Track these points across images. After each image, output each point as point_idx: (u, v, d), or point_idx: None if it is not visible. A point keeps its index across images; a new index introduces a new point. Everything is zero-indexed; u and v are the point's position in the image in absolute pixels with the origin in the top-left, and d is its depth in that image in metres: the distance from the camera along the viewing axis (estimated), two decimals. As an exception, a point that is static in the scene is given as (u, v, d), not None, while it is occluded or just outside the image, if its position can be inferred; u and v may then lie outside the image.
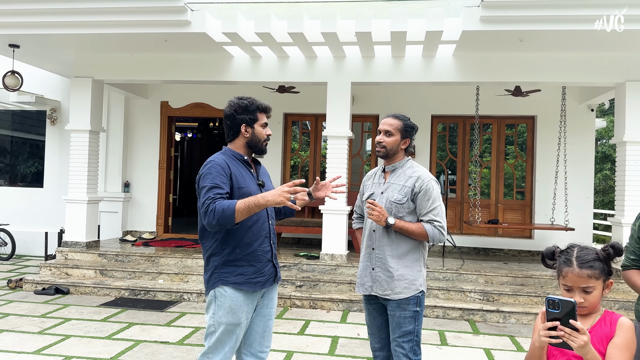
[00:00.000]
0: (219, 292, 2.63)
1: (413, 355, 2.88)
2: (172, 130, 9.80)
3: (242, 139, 2.76)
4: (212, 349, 2.64)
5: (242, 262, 2.65)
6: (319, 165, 9.29)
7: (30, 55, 7.64)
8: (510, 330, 5.67)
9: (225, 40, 6.63)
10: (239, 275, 2.63)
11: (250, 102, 2.74)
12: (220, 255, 2.65)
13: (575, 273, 1.83)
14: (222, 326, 2.61)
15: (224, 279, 2.63)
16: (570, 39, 6.14)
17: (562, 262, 1.89)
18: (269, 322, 2.81)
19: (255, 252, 2.68)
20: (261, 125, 2.77)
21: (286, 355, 4.59)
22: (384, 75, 7.15)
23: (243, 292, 2.64)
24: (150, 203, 9.54)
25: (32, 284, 6.86)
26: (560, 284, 1.90)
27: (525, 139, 9.00)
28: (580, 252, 1.87)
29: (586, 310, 1.85)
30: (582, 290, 1.83)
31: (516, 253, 8.59)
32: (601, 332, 1.83)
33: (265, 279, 2.71)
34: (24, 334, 4.99)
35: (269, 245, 2.76)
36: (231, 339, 2.63)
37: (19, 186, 9.91)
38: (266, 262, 2.73)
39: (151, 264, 7.33)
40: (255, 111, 2.75)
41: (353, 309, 6.24)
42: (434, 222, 2.89)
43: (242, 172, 2.70)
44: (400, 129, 2.99)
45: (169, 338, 4.99)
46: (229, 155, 2.73)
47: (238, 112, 2.72)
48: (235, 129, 2.75)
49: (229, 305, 2.61)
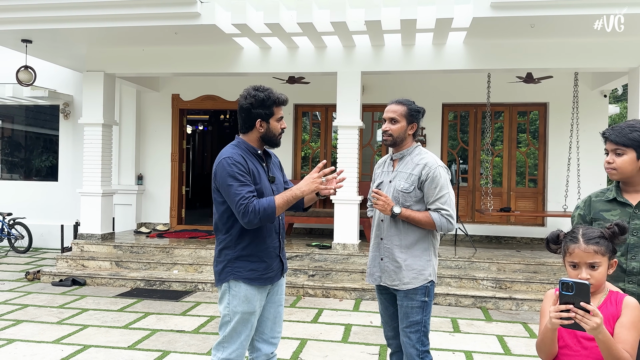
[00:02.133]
0: (233, 284, 2.65)
1: (420, 346, 2.85)
2: (184, 123, 9.86)
3: (257, 133, 2.70)
4: (227, 338, 2.65)
5: (254, 257, 2.65)
6: (330, 156, 9.31)
7: (42, 50, 7.72)
8: (523, 317, 5.68)
9: (234, 32, 6.65)
10: (251, 271, 2.64)
11: (267, 96, 2.64)
12: (234, 249, 2.65)
13: (582, 249, 1.86)
14: (238, 315, 2.62)
15: (237, 274, 2.64)
16: (581, 23, 6.06)
17: (569, 240, 1.91)
18: (279, 308, 2.83)
19: (268, 248, 2.69)
20: (277, 120, 2.70)
21: (300, 343, 4.65)
22: (394, 64, 7.13)
23: (255, 285, 2.66)
24: (164, 195, 9.63)
25: (49, 276, 6.99)
26: (565, 262, 1.92)
27: (537, 126, 8.94)
28: (585, 230, 1.91)
29: (592, 287, 1.86)
30: (588, 265, 1.86)
31: (529, 241, 8.56)
32: (608, 312, 1.85)
33: (274, 274, 2.74)
34: (43, 324, 5.09)
35: (278, 240, 2.77)
36: (246, 327, 2.66)
37: (34, 180, 10.06)
38: (275, 257, 2.74)
39: (166, 255, 7.43)
40: (272, 105, 2.66)
41: (365, 297, 6.28)
42: (441, 210, 2.81)
43: (257, 168, 2.68)
44: (406, 115, 2.91)
45: (184, 327, 5.07)
46: (243, 149, 2.68)
47: (254, 105, 2.64)
48: (250, 123, 2.68)
49: (244, 295, 2.63)
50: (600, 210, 2.36)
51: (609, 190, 2.39)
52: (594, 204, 2.40)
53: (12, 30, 6.74)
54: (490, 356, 4.43)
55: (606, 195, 2.38)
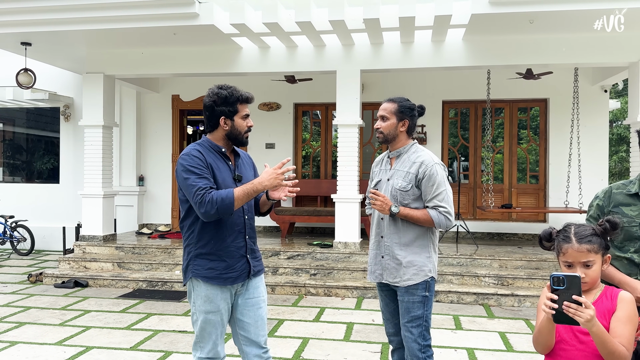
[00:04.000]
0: (195, 283, 2.64)
1: (422, 340, 2.86)
2: (184, 124, 9.87)
3: (222, 131, 2.66)
4: (199, 338, 2.66)
5: (213, 256, 2.61)
6: (331, 155, 9.31)
7: (42, 52, 7.73)
8: (525, 314, 5.67)
9: (233, 32, 6.65)
10: (209, 270, 2.60)
11: (230, 93, 2.60)
12: (195, 247, 2.63)
13: (575, 248, 1.86)
14: (202, 315, 2.61)
15: (196, 272, 2.62)
16: (581, 19, 6.05)
17: (561, 240, 1.91)
18: (259, 311, 2.74)
19: (228, 247, 2.62)
20: (241, 117, 2.65)
21: (302, 342, 4.65)
22: (393, 61, 7.12)
23: (213, 284, 2.62)
24: (165, 196, 9.65)
25: (51, 278, 7.00)
26: (560, 262, 1.93)
27: (538, 123, 8.92)
28: (577, 229, 1.91)
29: (587, 285, 1.87)
30: (583, 265, 1.86)
31: (530, 237, 8.55)
32: (603, 307, 1.86)
33: (236, 274, 2.64)
34: (45, 326, 5.10)
35: (243, 240, 2.68)
36: (214, 327, 2.63)
37: (36, 183, 10.07)
38: (239, 257, 2.66)
39: (167, 256, 7.43)
40: (235, 103, 2.61)
41: (367, 295, 6.28)
42: (439, 207, 2.83)
43: (218, 164, 2.63)
44: (395, 112, 2.94)
45: (187, 327, 5.07)
46: (206, 147, 2.66)
47: (217, 103, 2.60)
48: (214, 121, 2.64)
49: (205, 295, 2.61)
50: (620, 204, 2.31)
51: (632, 182, 2.32)
52: (614, 196, 2.34)
53: (11, 33, 6.75)
54: (492, 353, 4.42)
55: (628, 189, 2.32)
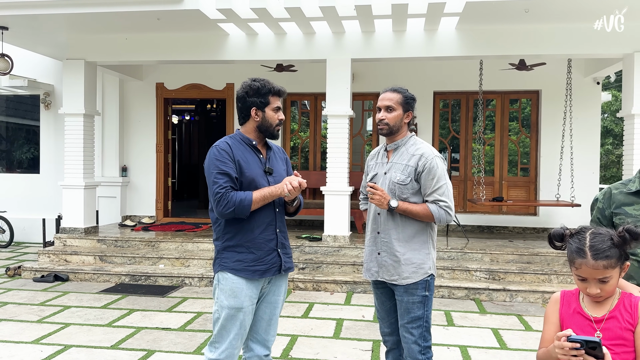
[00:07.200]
0: (222, 276, 2.60)
1: (423, 342, 2.75)
2: (169, 113, 9.61)
3: (253, 123, 2.67)
4: (217, 337, 2.59)
5: (241, 248, 2.59)
6: (320, 146, 9.13)
7: (20, 37, 7.42)
8: (518, 309, 5.58)
9: (220, 17, 6.42)
10: (237, 262, 2.58)
11: (262, 85, 2.63)
12: (222, 240, 2.63)
13: (590, 265, 1.68)
14: (225, 310, 2.55)
15: (223, 264, 2.60)
16: (576, 7, 5.92)
17: (575, 252, 1.72)
18: (275, 310, 2.73)
19: (256, 239, 2.60)
20: (273, 110, 2.66)
21: (291, 339, 4.50)
22: (384, 51, 6.94)
23: (243, 277, 2.57)
24: (149, 187, 9.40)
25: (30, 272, 6.76)
26: (573, 272, 1.76)
27: (529, 114, 8.82)
28: (593, 240, 1.70)
29: (602, 298, 1.73)
30: (598, 281, 1.69)
31: (521, 230, 8.47)
32: (623, 319, 1.71)
33: (265, 267, 2.62)
34: (22, 323, 4.89)
35: (274, 233, 2.67)
36: (234, 324, 2.55)
37: (16, 172, 9.76)
38: (268, 250, 2.63)
39: (151, 249, 7.22)
40: (267, 94, 2.63)
41: (357, 290, 6.15)
42: (439, 202, 2.73)
43: (248, 157, 2.63)
44: (402, 102, 2.82)
45: (170, 324, 4.89)
46: (238, 139, 2.67)
47: (249, 94, 2.63)
48: (246, 112, 2.66)
49: (230, 288, 2.56)
50: (622, 204, 2.20)
51: (632, 181, 2.22)
52: (614, 197, 2.23)
53: (-14, 16, 6.44)
54: (486, 351, 4.31)
55: (628, 187, 2.21)
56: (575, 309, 1.81)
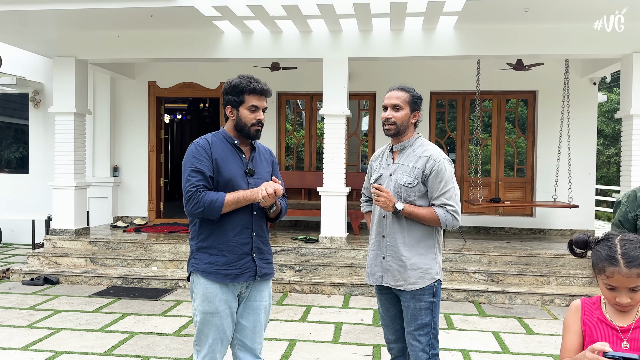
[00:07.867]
0: (195, 279, 2.54)
1: (430, 349, 2.66)
2: (161, 112, 9.46)
3: (230, 122, 2.58)
4: (197, 340, 2.54)
5: (214, 250, 2.49)
6: (315, 146, 9.02)
7: (9, 34, 7.24)
8: (517, 311, 5.51)
9: (214, 15, 6.29)
10: (208, 264, 2.49)
11: (239, 82, 2.50)
12: (196, 240, 2.55)
13: (624, 274, 1.58)
14: (200, 315, 2.50)
15: (195, 266, 2.52)
16: (576, 7, 5.87)
17: (605, 260, 1.62)
18: (259, 316, 2.61)
19: (229, 242, 2.49)
20: (248, 109, 2.52)
21: (289, 345, 4.39)
22: (382, 50, 6.85)
23: (215, 281, 2.49)
24: (141, 187, 9.24)
25: (19, 274, 6.59)
26: (599, 280, 1.66)
27: (526, 115, 8.78)
28: (625, 247, 1.60)
29: (632, 307, 1.64)
30: (629, 290, 1.60)
31: (517, 231, 8.43)
32: None
33: (238, 272, 2.50)
34: (11, 328, 4.73)
35: (249, 237, 2.54)
36: (211, 329, 2.48)
37: (4, 172, 9.55)
38: (242, 254, 2.51)
39: (144, 251, 7.08)
40: (242, 92, 2.50)
41: (355, 292, 6.05)
42: (446, 206, 2.64)
43: (228, 157, 2.52)
44: (409, 102, 2.75)
45: (164, 329, 4.77)
46: (220, 137, 2.57)
47: (227, 91, 2.54)
48: (225, 109, 2.59)
49: (203, 293, 2.49)
50: None
51: None
52: (639, 200, 2.16)
53: (-27, 12, 6.26)
54: (488, 355, 4.24)
55: None
56: (599, 317, 1.72)
